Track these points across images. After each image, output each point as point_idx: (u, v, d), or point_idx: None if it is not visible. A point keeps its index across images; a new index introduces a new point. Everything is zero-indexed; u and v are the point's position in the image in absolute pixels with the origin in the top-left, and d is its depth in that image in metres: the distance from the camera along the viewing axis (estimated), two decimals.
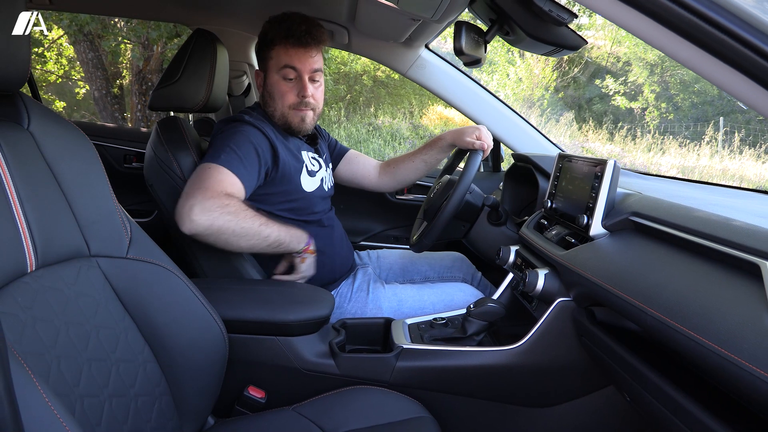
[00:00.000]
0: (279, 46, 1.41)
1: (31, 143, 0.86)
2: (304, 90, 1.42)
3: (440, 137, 1.68)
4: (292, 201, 1.44)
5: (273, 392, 1.20)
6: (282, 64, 1.41)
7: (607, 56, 10.74)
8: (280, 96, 1.44)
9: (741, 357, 0.62)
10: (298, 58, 1.40)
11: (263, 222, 1.28)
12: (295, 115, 1.45)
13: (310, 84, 1.43)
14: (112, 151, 2.30)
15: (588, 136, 9.79)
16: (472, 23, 1.18)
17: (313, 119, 1.50)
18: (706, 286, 0.75)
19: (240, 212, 1.23)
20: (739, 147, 8.82)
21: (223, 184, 1.25)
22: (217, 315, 1.05)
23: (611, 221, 1.05)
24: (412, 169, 1.75)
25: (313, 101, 1.45)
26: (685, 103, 10.24)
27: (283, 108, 1.45)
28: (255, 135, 1.36)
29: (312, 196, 1.48)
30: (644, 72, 10.34)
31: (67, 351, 0.80)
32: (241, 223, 1.23)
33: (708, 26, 0.64)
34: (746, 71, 0.64)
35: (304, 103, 1.44)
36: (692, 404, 0.75)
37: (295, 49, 1.40)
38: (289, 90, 1.43)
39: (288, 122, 1.46)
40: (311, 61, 1.42)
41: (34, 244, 0.81)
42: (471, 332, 1.23)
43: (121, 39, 6.90)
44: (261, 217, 1.28)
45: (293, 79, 1.43)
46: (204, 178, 1.25)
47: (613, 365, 0.96)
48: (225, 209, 1.21)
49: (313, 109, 1.47)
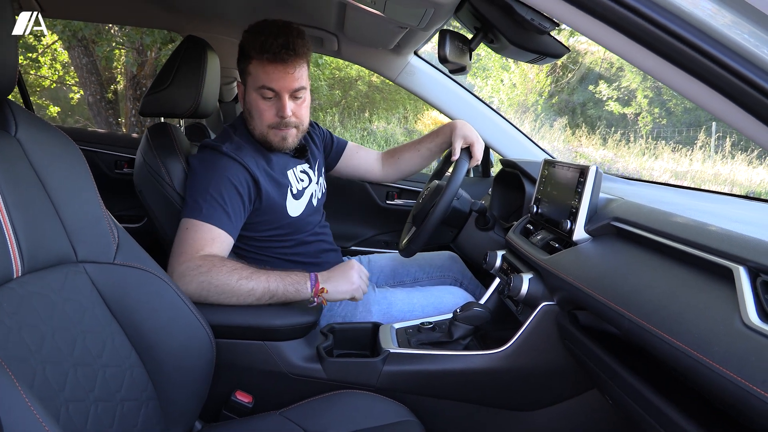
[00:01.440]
0: (255, 61, 1.30)
1: (18, 150, 0.87)
2: (283, 110, 1.32)
3: (447, 126, 1.65)
4: (278, 228, 1.41)
5: (260, 397, 1.20)
6: (259, 84, 1.31)
7: (601, 62, 10.80)
8: (258, 115, 1.35)
9: (712, 359, 0.63)
10: (276, 78, 1.29)
11: (243, 276, 1.17)
12: (275, 134, 1.37)
13: (291, 102, 1.33)
14: (104, 156, 2.31)
15: (581, 141, 9.85)
16: (456, 31, 1.20)
17: (297, 136, 1.41)
18: (683, 290, 0.76)
19: (212, 270, 1.16)
20: (731, 152, 8.88)
21: (201, 242, 1.22)
22: (205, 320, 1.06)
23: (594, 226, 1.06)
24: (417, 158, 1.72)
25: (294, 119, 1.36)
26: (677, 109, 10.30)
27: (262, 127, 1.37)
28: (234, 172, 1.29)
29: (299, 219, 1.44)
30: (637, 77, 10.40)
31: (52, 356, 0.81)
32: (215, 281, 1.16)
33: (656, 30, 0.67)
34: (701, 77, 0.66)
35: (284, 123, 1.35)
36: (667, 406, 0.76)
37: (273, 66, 1.28)
38: (268, 109, 1.34)
39: (268, 141, 1.38)
40: (290, 79, 1.30)
41: (20, 249, 0.81)
42: (457, 336, 1.24)
43: (115, 44, 6.90)
44: (240, 270, 1.18)
45: (272, 98, 1.33)
46: (182, 241, 1.23)
47: (595, 368, 0.97)
48: (197, 271, 1.16)
49: (296, 127, 1.38)
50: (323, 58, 7.33)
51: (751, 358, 0.60)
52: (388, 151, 1.78)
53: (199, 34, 1.57)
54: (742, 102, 0.65)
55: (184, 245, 1.22)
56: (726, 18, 0.66)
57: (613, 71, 10.79)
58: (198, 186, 1.29)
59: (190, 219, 1.25)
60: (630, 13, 0.67)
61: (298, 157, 1.52)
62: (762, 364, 0.58)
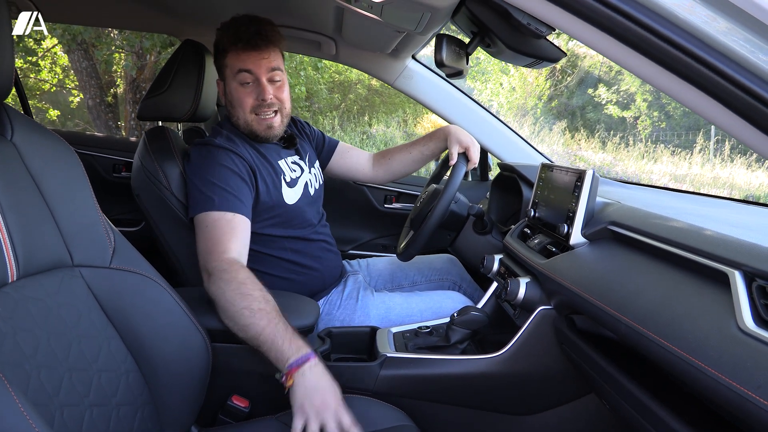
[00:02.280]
0: (231, 52, 1.35)
1: (15, 154, 0.87)
2: (264, 93, 1.36)
3: (440, 130, 1.65)
4: (276, 216, 1.41)
5: (257, 401, 1.20)
6: (236, 69, 1.35)
7: (600, 65, 10.82)
8: (239, 103, 1.38)
9: (707, 364, 0.63)
10: (251, 61, 1.34)
11: (249, 306, 1.08)
12: (259, 123, 1.40)
13: (269, 85, 1.37)
14: (102, 160, 2.31)
15: (581, 144, 9.85)
16: (453, 36, 1.20)
17: (281, 122, 1.44)
18: (678, 295, 0.76)
19: (231, 283, 1.12)
20: (730, 155, 8.89)
21: (223, 235, 1.22)
22: (201, 324, 1.06)
23: (590, 230, 1.06)
24: (409, 160, 1.72)
25: (276, 101, 1.39)
26: (676, 112, 10.31)
27: (245, 115, 1.39)
28: (230, 160, 1.32)
29: (296, 207, 1.45)
30: (636, 81, 10.40)
31: (47, 361, 0.81)
32: (225, 296, 1.11)
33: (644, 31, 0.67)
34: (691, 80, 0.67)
35: (266, 105, 1.38)
36: (664, 411, 0.76)
37: (247, 53, 1.34)
38: (248, 94, 1.37)
39: (253, 131, 1.41)
40: (265, 62, 1.35)
41: (15, 254, 0.81)
42: (454, 340, 1.24)
43: (115, 48, 6.91)
44: (253, 301, 1.09)
45: (251, 83, 1.36)
46: (207, 238, 1.23)
47: (592, 372, 0.97)
48: (219, 276, 1.14)
49: (277, 111, 1.41)
50: (323, 62, 7.34)
51: (746, 363, 0.60)
52: (379, 153, 1.78)
53: (197, 38, 1.58)
54: (736, 108, 0.65)
55: (209, 242, 1.22)
56: (721, 24, 0.67)
57: (612, 75, 10.81)
58: (202, 179, 1.30)
59: (207, 212, 1.26)
60: (625, 19, 0.68)
61: (287, 147, 1.53)
62: (757, 369, 0.58)
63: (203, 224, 1.25)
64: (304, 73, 7.33)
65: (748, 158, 8.62)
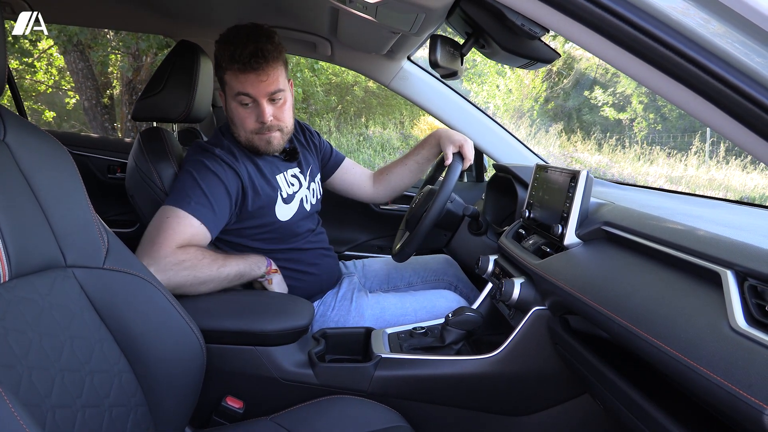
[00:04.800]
0: (229, 71, 1.31)
1: (7, 154, 0.87)
2: (263, 116, 1.32)
3: (430, 136, 1.67)
4: (268, 232, 1.41)
5: (251, 402, 1.20)
6: (235, 92, 1.31)
7: (596, 67, 10.85)
8: (240, 123, 1.36)
9: (699, 363, 0.63)
10: (250, 84, 1.29)
11: (221, 264, 1.23)
12: (259, 139, 1.38)
13: (269, 106, 1.33)
14: (97, 161, 2.30)
15: (577, 146, 9.88)
16: (447, 36, 1.20)
17: (282, 139, 1.41)
18: (672, 295, 0.77)
19: (197, 264, 1.20)
20: (726, 157, 8.93)
21: (182, 234, 1.22)
22: (195, 325, 1.05)
23: (584, 231, 1.07)
24: (406, 172, 1.73)
25: (276, 122, 1.36)
26: (672, 114, 10.35)
27: (246, 134, 1.37)
28: (226, 175, 1.31)
29: (289, 223, 1.44)
30: (632, 83, 10.45)
31: (39, 362, 0.80)
32: (200, 274, 1.20)
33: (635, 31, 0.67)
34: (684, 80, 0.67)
35: (267, 128, 1.35)
36: (658, 411, 0.76)
37: (245, 75, 1.29)
38: (248, 115, 1.34)
39: (254, 146, 1.39)
40: (264, 86, 1.30)
41: (7, 254, 0.81)
42: (449, 341, 1.24)
43: (111, 49, 6.90)
44: (218, 259, 1.24)
45: (249, 104, 1.33)
46: (162, 229, 1.22)
47: (586, 373, 0.97)
48: (181, 266, 1.18)
49: (279, 130, 1.38)
50: (319, 64, 7.35)
51: (738, 363, 0.60)
52: (378, 171, 1.80)
53: (192, 38, 1.57)
54: (730, 110, 0.65)
55: (163, 233, 1.21)
56: (716, 27, 0.67)
57: (608, 77, 10.85)
58: (190, 179, 1.29)
59: (176, 208, 1.25)
60: (618, 20, 0.68)
61: (288, 160, 1.51)
62: (749, 368, 0.58)
63: (164, 215, 1.25)
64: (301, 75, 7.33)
65: (743, 160, 8.66)
